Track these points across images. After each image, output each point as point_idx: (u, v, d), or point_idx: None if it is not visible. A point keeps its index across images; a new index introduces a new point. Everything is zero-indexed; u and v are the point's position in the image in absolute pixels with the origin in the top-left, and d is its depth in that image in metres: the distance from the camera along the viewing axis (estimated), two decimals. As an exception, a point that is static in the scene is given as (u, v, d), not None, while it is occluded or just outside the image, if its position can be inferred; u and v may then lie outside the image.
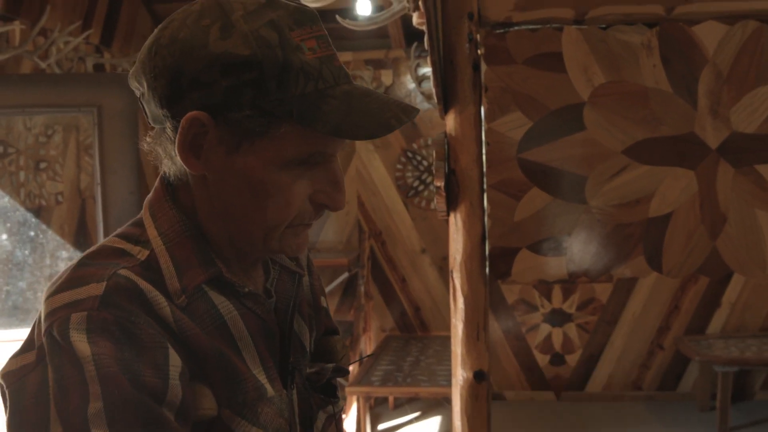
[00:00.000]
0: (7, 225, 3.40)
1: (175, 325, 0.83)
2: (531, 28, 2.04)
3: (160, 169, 0.92)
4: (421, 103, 5.30)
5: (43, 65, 3.72)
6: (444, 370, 4.43)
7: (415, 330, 5.65)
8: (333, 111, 0.82)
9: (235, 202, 0.87)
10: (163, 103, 0.84)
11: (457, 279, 2.09)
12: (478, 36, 2.03)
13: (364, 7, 4.16)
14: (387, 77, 5.49)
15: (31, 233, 3.44)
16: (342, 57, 0.88)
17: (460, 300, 2.09)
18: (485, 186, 2.07)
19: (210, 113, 0.82)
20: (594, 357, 5.20)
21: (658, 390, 5.15)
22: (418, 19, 2.17)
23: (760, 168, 2.04)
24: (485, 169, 2.06)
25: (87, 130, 3.52)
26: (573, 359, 5.23)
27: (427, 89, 5.15)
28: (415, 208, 5.55)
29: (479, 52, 2.04)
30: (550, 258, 2.09)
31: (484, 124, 2.06)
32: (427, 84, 5.14)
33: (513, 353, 5.27)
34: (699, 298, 5.07)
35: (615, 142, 2.04)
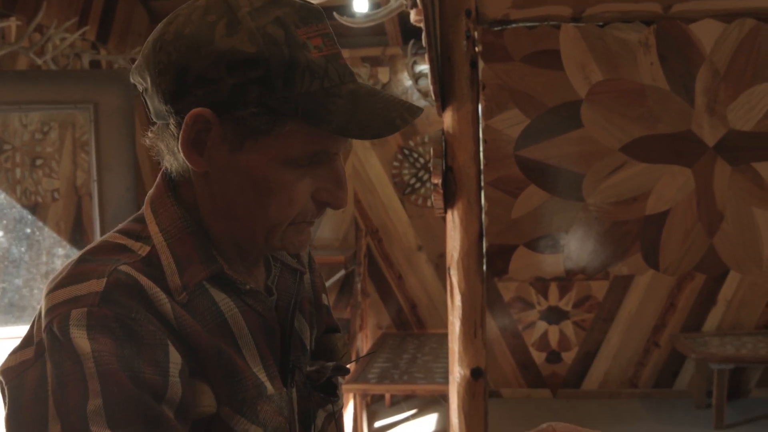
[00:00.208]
0: (3, 222, 3.39)
1: (175, 321, 0.82)
2: (528, 25, 2.05)
3: (162, 165, 0.92)
4: (417, 101, 5.30)
5: (39, 62, 3.71)
6: (440, 367, 4.43)
7: (411, 327, 5.66)
8: (339, 110, 0.81)
9: (237, 200, 0.87)
10: (167, 99, 0.83)
11: (454, 276, 2.10)
12: (476, 33, 2.03)
13: (361, 4, 4.16)
14: (384, 74, 5.49)
15: (27, 230, 3.43)
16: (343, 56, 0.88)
17: (458, 297, 2.09)
18: (482, 183, 2.07)
19: (214, 110, 0.82)
20: (590, 354, 5.21)
21: (654, 387, 5.16)
22: (415, 17, 2.17)
23: (757, 166, 2.05)
24: (482, 166, 2.06)
25: (83, 127, 3.51)
26: (569, 357, 5.23)
27: (423, 86, 5.15)
28: (412, 206, 5.55)
29: (477, 49, 2.04)
30: (547, 255, 2.10)
31: (481, 121, 2.06)
32: (423, 81, 5.14)
33: (509, 351, 5.28)
34: (695, 295, 5.08)
35: (612, 140, 2.04)
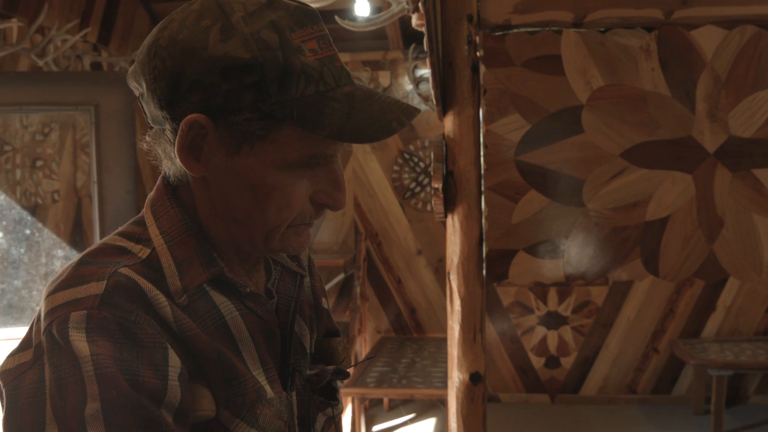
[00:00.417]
0: (3, 223, 3.39)
1: (175, 324, 0.82)
2: (530, 30, 2.05)
3: (160, 169, 0.92)
4: (418, 105, 5.30)
5: (40, 63, 3.71)
6: (439, 371, 4.43)
7: (410, 331, 5.65)
8: (334, 114, 0.81)
9: (235, 203, 0.86)
10: (163, 105, 0.83)
11: (454, 281, 2.09)
12: (477, 38, 2.03)
13: (362, 8, 4.16)
14: (384, 78, 5.49)
15: (27, 231, 3.43)
16: (340, 59, 0.88)
17: (457, 302, 2.09)
18: (483, 188, 2.07)
19: (210, 116, 0.82)
20: (589, 360, 5.21)
21: (652, 393, 5.16)
22: (417, 21, 2.17)
23: (758, 172, 2.05)
24: (483, 171, 2.06)
25: (84, 129, 3.51)
26: (568, 362, 5.23)
27: (424, 91, 5.15)
28: (412, 210, 5.55)
29: (478, 54, 2.04)
30: (547, 260, 2.10)
31: (482, 126, 2.06)
32: (424, 85, 5.14)
33: (508, 355, 5.28)
34: (694, 301, 5.08)
35: (613, 145, 2.04)
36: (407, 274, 5.60)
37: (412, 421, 4.95)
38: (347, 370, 1.03)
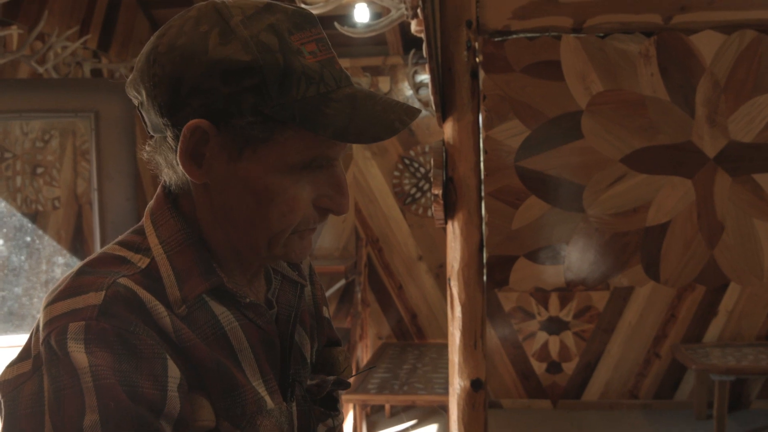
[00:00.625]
0: (3, 230, 3.38)
1: (174, 335, 0.82)
2: (529, 36, 2.05)
3: (160, 178, 0.91)
4: (418, 110, 5.30)
5: (40, 70, 3.72)
6: (440, 377, 4.42)
7: (411, 337, 5.64)
8: (336, 114, 0.81)
9: (238, 210, 0.86)
10: (164, 112, 0.83)
11: (454, 287, 2.09)
12: (477, 44, 2.03)
13: (362, 14, 4.17)
14: (384, 84, 5.49)
15: (28, 238, 3.42)
16: (340, 63, 0.88)
17: (458, 308, 2.08)
18: (483, 194, 2.07)
19: (211, 120, 0.81)
20: (591, 365, 5.20)
21: (654, 398, 5.15)
22: (416, 27, 2.17)
23: (758, 177, 2.04)
24: (483, 177, 2.06)
25: (84, 135, 3.51)
26: (570, 367, 5.22)
27: (424, 96, 5.15)
28: (412, 216, 5.55)
29: (477, 59, 2.04)
30: (547, 266, 2.09)
31: (482, 132, 2.06)
32: (424, 91, 5.15)
33: (510, 361, 5.27)
34: (696, 306, 5.07)
35: (613, 151, 2.04)
36: (408, 280, 5.60)
37: (413, 427, 4.94)
38: (348, 381, 1.03)
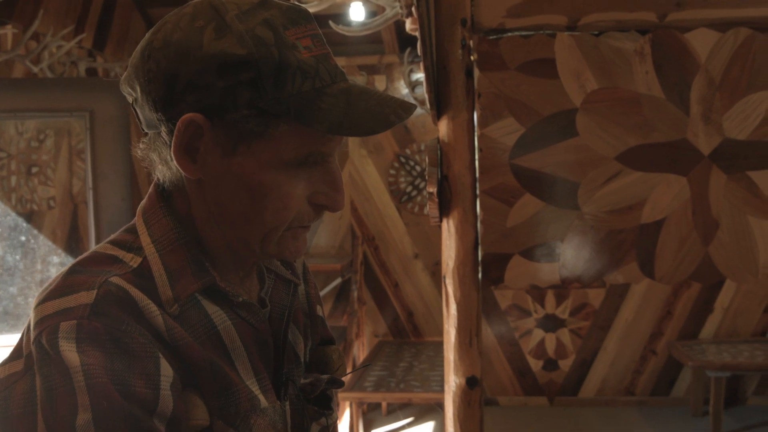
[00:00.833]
0: (-1, 230, 3.38)
1: (167, 334, 0.81)
2: (524, 34, 2.05)
3: (154, 176, 0.90)
4: (414, 109, 5.31)
5: (35, 69, 3.71)
6: (437, 375, 4.42)
7: (408, 335, 5.65)
8: (331, 108, 0.80)
9: (232, 206, 0.85)
10: (158, 107, 0.82)
11: (449, 285, 2.09)
12: (471, 42, 2.03)
13: (357, 12, 4.17)
14: (380, 83, 5.49)
15: (23, 238, 3.42)
16: (334, 58, 0.88)
17: (453, 306, 2.08)
18: (478, 192, 2.07)
19: (206, 115, 0.81)
20: (587, 362, 5.21)
21: (651, 395, 5.16)
22: (411, 25, 2.17)
23: (752, 174, 2.05)
24: (478, 175, 2.06)
25: (79, 135, 3.50)
26: (566, 364, 5.23)
27: (420, 95, 5.15)
28: (408, 214, 5.55)
29: (472, 58, 2.04)
30: (543, 264, 2.09)
31: (476, 130, 2.06)
32: (420, 89, 5.15)
33: (506, 358, 5.27)
34: (691, 303, 5.08)
35: (607, 148, 2.04)
36: (404, 278, 5.60)
37: (410, 425, 4.94)
38: (342, 379, 1.03)
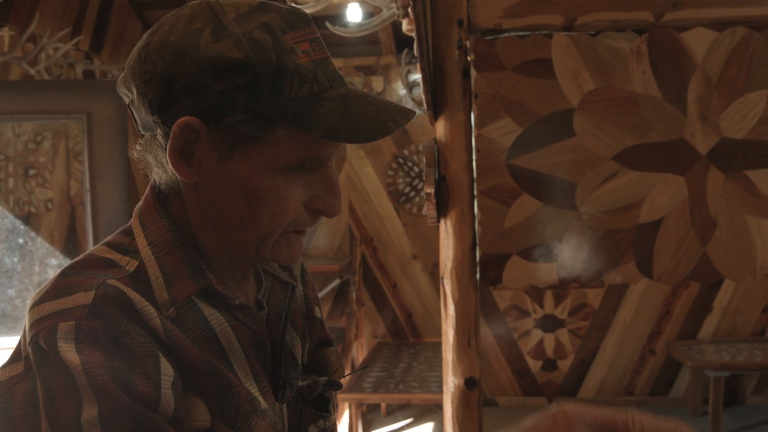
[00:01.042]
0: (-4, 232, 3.37)
1: (165, 336, 0.81)
2: (521, 34, 2.05)
3: (150, 178, 0.90)
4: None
5: (32, 71, 3.71)
6: (436, 376, 4.42)
7: (407, 336, 5.64)
8: (329, 114, 0.80)
9: (228, 209, 0.85)
10: (154, 110, 0.82)
11: (447, 286, 2.09)
12: (468, 42, 2.03)
13: (354, 13, 4.17)
14: (378, 83, 5.49)
15: (20, 240, 3.41)
16: (333, 63, 0.87)
17: (451, 307, 2.08)
18: (475, 192, 2.06)
19: (202, 118, 0.80)
20: (586, 362, 5.21)
21: (650, 395, 5.16)
22: (407, 26, 2.17)
23: (750, 173, 2.05)
24: (475, 175, 2.06)
25: (77, 137, 3.50)
26: (565, 365, 5.23)
27: (417, 95, 5.15)
28: (407, 214, 5.55)
29: (469, 58, 2.04)
30: (541, 264, 2.09)
31: (473, 130, 2.06)
32: (417, 90, 5.15)
33: (505, 359, 5.27)
34: (690, 303, 5.08)
35: (605, 148, 2.04)
36: (403, 279, 5.60)
37: (409, 425, 4.94)
38: (340, 381, 1.02)
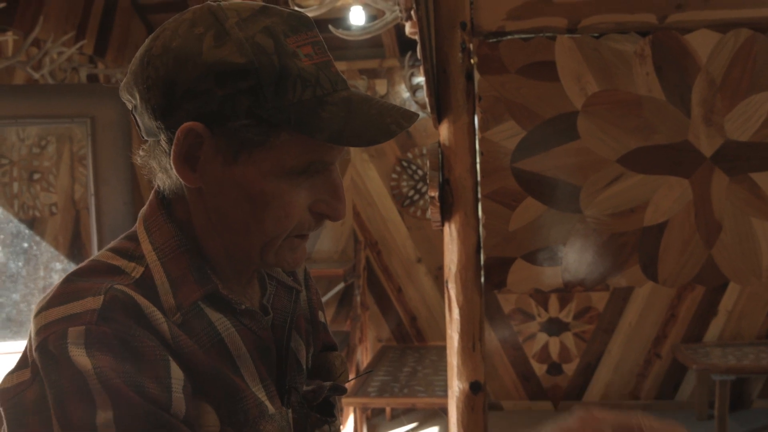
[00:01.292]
0: (1, 237, 3.38)
1: (172, 341, 0.81)
2: (524, 37, 2.04)
3: (154, 183, 0.90)
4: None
5: (36, 76, 3.72)
6: (441, 380, 4.41)
7: (411, 340, 5.63)
8: (332, 118, 0.80)
9: (232, 214, 0.85)
10: (157, 115, 0.82)
11: (452, 289, 2.08)
12: (471, 45, 2.03)
13: (357, 16, 4.17)
14: (381, 86, 5.49)
15: (25, 245, 3.42)
16: (336, 66, 0.87)
17: (456, 311, 2.08)
18: (479, 196, 2.06)
19: (206, 123, 0.80)
20: (591, 366, 5.19)
21: (655, 399, 5.13)
22: (410, 29, 2.17)
23: (755, 176, 2.04)
24: (479, 178, 2.06)
25: (81, 141, 3.51)
26: (570, 368, 5.21)
27: (421, 98, 5.15)
28: (411, 218, 5.54)
29: (472, 61, 2.03)
30: (545, 268, 2.08)
31: (477, 133, 2.05)
32: (421, 93, 5.14)
33: (510, 363, 5.26)
34: (695, 306, 5.06)
35: (609, 151, 2.04)
36: (407, 282, 5.59)
37: (414, 430, 4.93)
38: (344, 386, 1.02)
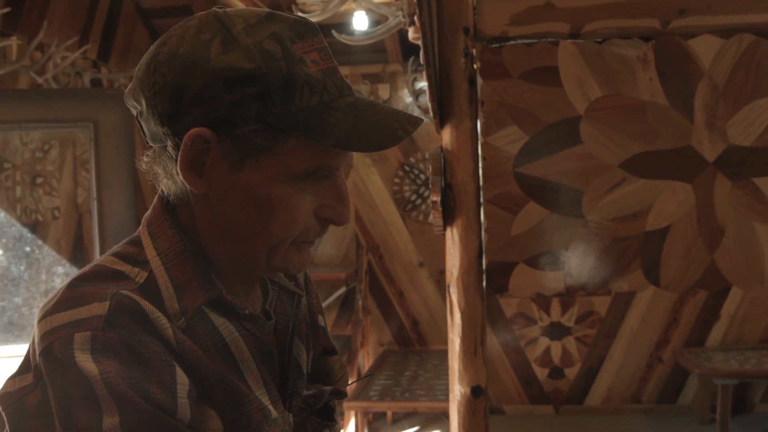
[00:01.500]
0: (3, 240, 3.38)
1: (177, 346, 0.81)
2: (527, 42, 2.05)
3: (159, 189, 0.90)
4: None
5: (40, 80, 3.73)
6: (442, 384, 4.41)
7: (413, 344, 5.63)
8: (339, 123, 0.80)
9: (239, 219, 0.85)
10: (164, 121, 0.82)
11: (454, 294, 2.08)
12: (474, 50, 2.03)
13: (360, 22, 4.18)
14: (384, 91, 5.50)
15: (27, 249, 3.42)
16: (340, 71, 0.88)
17: (457, 315, 2.08)
18: (482, 200, 2.06)
19: (213, 129, 0.81)
20: (593, 370, 5.18)
21: (657, 403, 5.13)
22: (413, 34, 2.17)
23: (758, 181, 2.04)
24: (482, 183, 2.06)
25: (84, 145, 3.51)
26: (572, 372, 5.20)
27: (424, 103, 5.16)
28: (413, 222, 5.55)
29: (475, 66, 2.04)
30: (547, 272, 2.08)
31: (480, 138, 2.05)
32: (424, 98, 5.15)
33: (512, 367, 5.25)
34: (698, 310, 5.05)
35: (611, 156, 2.04)
36: (409, 287, 5.59)
37: (416, 434, 4.93)
38: (345, 390, 1.02)
